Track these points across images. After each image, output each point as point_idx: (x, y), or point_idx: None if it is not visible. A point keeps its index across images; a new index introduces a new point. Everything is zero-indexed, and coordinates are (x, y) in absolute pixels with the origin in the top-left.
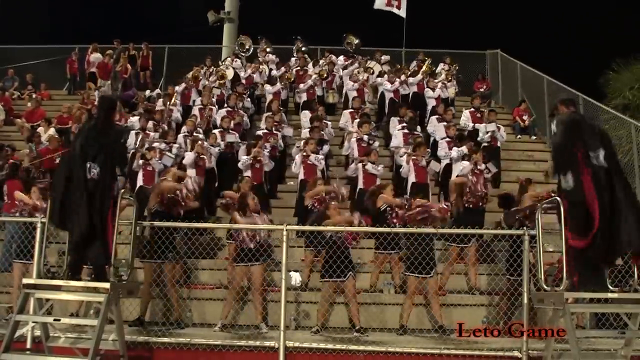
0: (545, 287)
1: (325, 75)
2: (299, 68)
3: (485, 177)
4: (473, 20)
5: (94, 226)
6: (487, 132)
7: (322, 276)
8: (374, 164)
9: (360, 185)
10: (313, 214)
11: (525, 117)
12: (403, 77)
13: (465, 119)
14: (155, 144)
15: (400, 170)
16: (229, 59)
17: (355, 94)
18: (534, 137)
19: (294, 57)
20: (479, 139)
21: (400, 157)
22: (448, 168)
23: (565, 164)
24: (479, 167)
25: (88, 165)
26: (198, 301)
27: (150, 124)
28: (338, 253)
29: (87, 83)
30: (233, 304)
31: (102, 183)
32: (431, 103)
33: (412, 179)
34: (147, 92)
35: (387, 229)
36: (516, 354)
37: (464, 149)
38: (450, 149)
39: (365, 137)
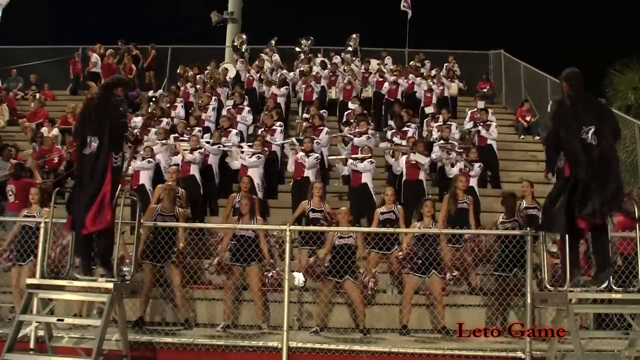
0: (548, 287)
1: (308, 72)
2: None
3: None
4: (476, 20)
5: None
6: (466, 130)
7: (325, 274)
8: (361, 160)
9: (350, 182)
10: None
11: (528, 118)
12: (393, 78)
13: (466, 119)
14: (153, 143)
15: (392, 168)
16: (230, 65)
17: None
18: (537, 137)
19: (297, 59)
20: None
21: (392, 157)
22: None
23: (555, 148)
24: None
25: (88, 139)
26: (201, 301)
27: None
28: (338, 258)
29: (87, 82)
30: (231, 304)
31: (99, 155)
32: (423, 101)
33: (404, 176)
34: (151, 93)
35: (389, 229)
36: (519, 354)
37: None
38: (443, 151)
39: (350, 134)
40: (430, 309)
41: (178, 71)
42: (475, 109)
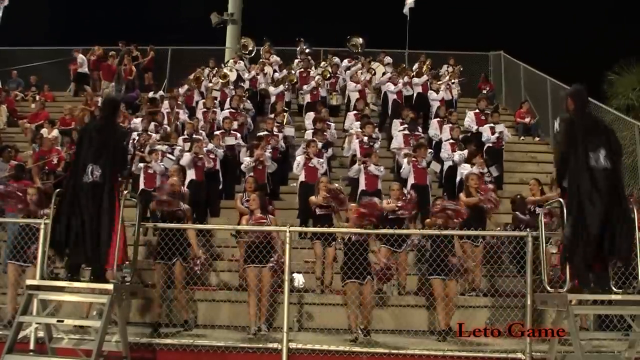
0: (548, 288)
1: (328, 75)
2: (302, 70)
3: (487, 181)
4: (476, 21)
5: (92, 229)
6: (495, 133)
7: (343, 279)
8: (377, 165)
9: (362, 186)
10: None
11: (527, 119)
12: (406, 79)
13: (470, 120)
14: (157, 147)
15: (401, 171)
16: (231, 61)
17: (357, 95)
18: (537, 139)
19: (297, 58)
20: (483, 139)
21: (404, 158)
22: (452, 171)
23: (564, 169)
24: (481, 171)
25: (90, 167)
26: (201, 302)
27: (152, 125)
28: (357, 255)
29: (73, 82)
30: (256, 306)
31: (103, 185)
32: (435, 105)
33: (411, 180)
34: (151, 94)
35: (394, 230)
36: (519, 355)
37: (465, 152)
38: (453, 150)
39: (366, 139)
40: (432, 310)
41: (192, 83)
42: (478, 111)
